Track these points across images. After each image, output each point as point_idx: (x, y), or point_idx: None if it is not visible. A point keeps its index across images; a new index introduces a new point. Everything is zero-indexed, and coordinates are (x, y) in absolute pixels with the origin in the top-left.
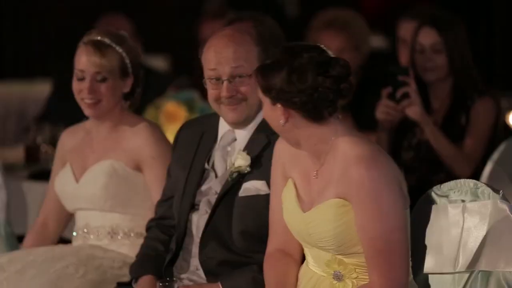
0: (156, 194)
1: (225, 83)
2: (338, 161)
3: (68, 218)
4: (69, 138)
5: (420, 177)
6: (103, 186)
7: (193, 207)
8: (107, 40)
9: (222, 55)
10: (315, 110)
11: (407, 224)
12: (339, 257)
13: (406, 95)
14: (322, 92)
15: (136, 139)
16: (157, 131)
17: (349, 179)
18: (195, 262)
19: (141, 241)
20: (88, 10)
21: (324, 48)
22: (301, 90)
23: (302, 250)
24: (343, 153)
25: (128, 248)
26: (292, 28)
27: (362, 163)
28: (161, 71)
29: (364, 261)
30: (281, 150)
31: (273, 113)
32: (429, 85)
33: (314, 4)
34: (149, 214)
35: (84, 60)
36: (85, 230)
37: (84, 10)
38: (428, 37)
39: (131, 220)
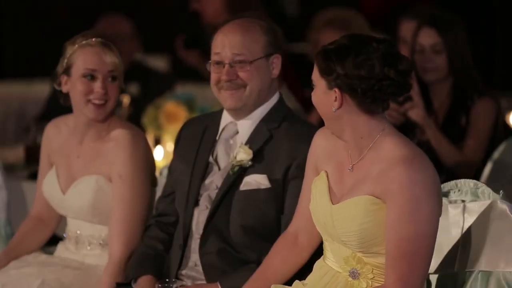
0: (117, 214)
1: (226, 66)
2: (380, 159)
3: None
4: (54, 134)
5: None
6: (89, 204)
7: (197, 203)
8: (108, 42)
9: (228, 40)
10: (372, 101)
11: (436, 230)
12: (359, 255)
13: (408, 98)
14: (385, 84)
15: (112, 151)
16: (136, 145)
17: (390, 178)
18: (194, 257)
19: None
20: (88, 10)
21: (393, 42)
22: (366, 78)
23: (316, 244)
24: (388, 152)
25: None
26: (292, 28)
27: (407, 165)
28: (161, 71)
29: (383, 263)
30: (318, 144)
31: (326, 98)
32: (429, 85)
33: (314, 4)
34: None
35: (97, 60)
36: (77, 235)
37: (84, 10)
38: (428, 37)
39: None
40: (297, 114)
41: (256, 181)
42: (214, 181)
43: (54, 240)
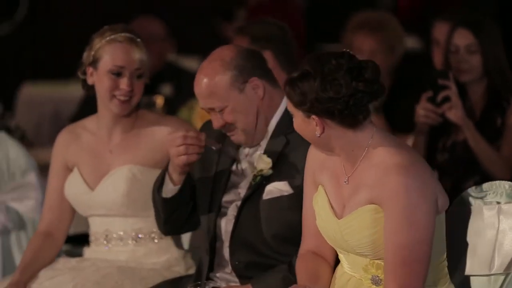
0: None
1: (212, 114)
2: (374, 168)
3: (70, 223)
4: (71, 139)
5: (455, 178)
6: (124, 194)
7: (220, 210)
8: (137, 38)
9: (198, 92)
10: (351, 116)
11: (433, 235)
12: (377, 261)
13: (447, 99)
14: (357, 97)
15: (159, 131)
16: (181, 122)
17: (386, 186)
18: (228, 265)
19: (165, 242)
20: (122, 12)
21: (352, 52)
22: (336, 98)
23: (335, 253)
24: (382, 161)
25: (157, 253)
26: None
27: (401, 172)
28: (194, 72)
29: None
30: (312, 156)
31: (307, 126)
32: (463, 86)
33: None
34: None
35: (125, 57)
36: (106, 236)
37: (118, 11)
38: (463, 38)
39: (153, 222)
40: None
41: (277, 188)
42: (240, 192)
43: (77, 240)
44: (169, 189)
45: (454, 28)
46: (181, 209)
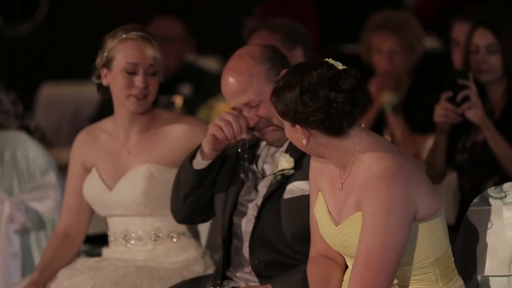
0: None
1: (244, 111)
2: (362, 174)
3: (88, 224)
4: (89, 140)
5: (475, 179)
6: (142, 193)
7: (236, 208)
8: (148, 35)
9: (228, 90)
10: (334, 125)
11: (404, 245)
12: None
13: (466, 99)
14: (337, 107)
15: (177, 129)
16: (198, 120)
17: (367, 190)
18: (248, 265)
19: (184, 241)
20: (141, 12)
21: (332, 62)
22: (316, 109)
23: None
24: (369, 167)
25: (176, 252)
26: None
27: (383, 178)
28: (213, 72)
29: (401, 267)
30: (313, 161)
31: (294, 135)
32: (483, 86)
33: None
34: None
35: (138, 54)
36: (125, 236)
37: (137, 11)
38: (483, 38)
39: (171, 221)
40: None
41: (299, 188)
42: (259, 191)
43: (96, 240)
44: (198, 162)
45: (474, 28)
46: (203, 189)
